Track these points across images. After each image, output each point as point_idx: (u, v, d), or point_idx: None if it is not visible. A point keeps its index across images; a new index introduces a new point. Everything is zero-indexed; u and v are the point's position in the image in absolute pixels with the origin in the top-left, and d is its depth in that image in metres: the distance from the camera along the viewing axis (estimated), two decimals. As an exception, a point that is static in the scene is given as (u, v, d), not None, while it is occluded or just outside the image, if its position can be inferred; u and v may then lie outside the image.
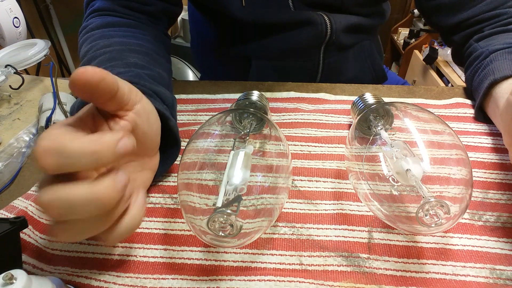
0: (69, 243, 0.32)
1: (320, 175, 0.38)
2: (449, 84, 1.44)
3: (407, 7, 1.97)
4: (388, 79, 0.73)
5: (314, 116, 0.45)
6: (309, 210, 0.34)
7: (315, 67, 0.61)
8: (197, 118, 0.46)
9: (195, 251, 0.31)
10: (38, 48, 0.53)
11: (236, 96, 0.50)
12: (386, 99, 0.42)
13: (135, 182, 0.31)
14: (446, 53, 1.50)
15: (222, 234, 0.27)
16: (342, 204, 0.34)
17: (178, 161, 0.38)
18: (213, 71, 0.75)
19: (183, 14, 1.61)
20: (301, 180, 0.37)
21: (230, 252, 0.31)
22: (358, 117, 0.36)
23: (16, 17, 0.72)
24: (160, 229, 0.33)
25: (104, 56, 0.40)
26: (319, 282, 0.28)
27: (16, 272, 0.21)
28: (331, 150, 0.40)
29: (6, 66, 0.50)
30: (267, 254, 0.31)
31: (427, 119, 0.33)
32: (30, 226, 0.33)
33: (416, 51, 1.71)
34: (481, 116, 0.44)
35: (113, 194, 0.22)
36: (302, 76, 0.61)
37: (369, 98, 0.40)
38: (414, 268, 0.29)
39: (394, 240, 0.31)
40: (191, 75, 1.51)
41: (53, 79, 0.48)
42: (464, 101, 0.47)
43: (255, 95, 0.42)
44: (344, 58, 0.63)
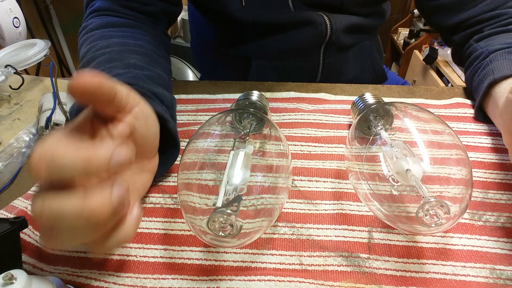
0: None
1: (320, 175, 0.38)
2: (449, 84, 1.44)
3: (407, 7, 1.97)
4: (388, 79, 0.73)
5: (314, 116, 0.45)
6: (309, 210, 0.34)
7: (315, 67, 0.61)
8: (197, 118, 0.46)
9: (195, 251, 0.31)
10: (38, 48, 0.53)
11: (236, 96, 0.50)
12: (386, 99, 0.42)
13: (135, 185, 0.31)
14: (446, 53, 1.50)
15: (222, 234, 0.27)
16: (342, 204, 0.34)
17: (178, 161, 0.38)
18: (213, 71, 0.75)
19: (183, 14, 1.61)
20: (301, 180, 0.37)
21: (230, 252, 0.31)
22: (358, 117, 0.36)
23: (16, 17, 0.72)
24: (160, 229, 0.33)
25: (103, 57, 0.40)
26: (319, 282, 0.28)
27: (16, 272, 0.21)
28: (331, 150, 0.41)
29: (6, 66, 0.50)
30: (267, 254, 0.31)
31: (427, 119, 0.33)
32: (30, 226, 0.33)
33: (416, 51, 1.71)
34: (481, 116, 0.44)
35: (106, 209, 0.21)
36: (302, 76, 0.61)
37: (369, 98, 0.40)
38: (414, 268, 0.29)
39: (394, 240, 0.31)
40: (191, 75, 1.51)
41: (53, 79, 0.48)
42: (464, 101, 0.47)
43: (255, 95, 0.42)
44: (344, 58, 0.63)
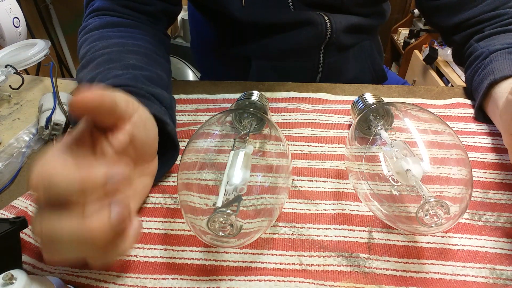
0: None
1: (320, 175, 0.38)
2: (449, 84, 1.44)
3: (407, 7, 1.97)
4: (388, 79, 0.73)
5: (314, 116, 0.45)
6: (309, 210, 0.34)
7: (315, 67, 0.61)
8: (197, 118, 0.46)
9: (195, 251, 0.31)
10: (38, 48, 0.53)
11: (236, 96, 0.50)
12: (386, 99, 0.42)
13: (136, 189, 0.31)
14: (446, 53, 1.49)
15: (222, 234, 0.27)
16: (342, 204, 0.34)
17: (178, 161, 0.38)
18: (213, 71, 0.75)
19: (183, 14, 1.61)
20: (301, 180, 0.37)
21: (230, 252, 0.31)
22: (358, 117, 0.36)
23: (16, 17, 0.72)
24: (160, 229, 0.33)
25: (102, 57, 0.40)
26: (319, 282, 0.28)
27: (16, 272, 0.21)
28: (331, 150, 0.40)
29: (6, 66, 0.50)
30: (267, 254, 0.31)
31: (427, 119, 0.33)
32: (30, 226, 0.32)
33: (416, 51, 1.71)
34: (481, 116, 0.44)
35: (105, 230, 0.21)
36: (302, 76, 0.61)
37: (369, 98, 0.40)
38: (414, 268, 0.29)
39: (394, 240, 0.31)
40: (191, 75, 1.51)
41: (53, 79, 0.48)
42: (464, 101, 0.47)
43: (255, 95, 0.42)
44: (344, 58, 0.63)
